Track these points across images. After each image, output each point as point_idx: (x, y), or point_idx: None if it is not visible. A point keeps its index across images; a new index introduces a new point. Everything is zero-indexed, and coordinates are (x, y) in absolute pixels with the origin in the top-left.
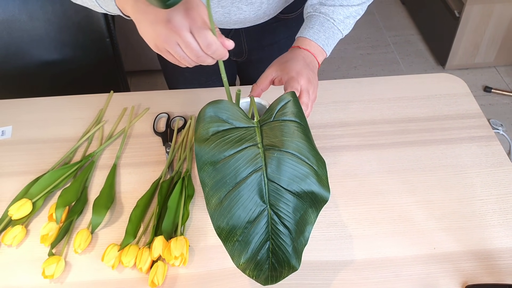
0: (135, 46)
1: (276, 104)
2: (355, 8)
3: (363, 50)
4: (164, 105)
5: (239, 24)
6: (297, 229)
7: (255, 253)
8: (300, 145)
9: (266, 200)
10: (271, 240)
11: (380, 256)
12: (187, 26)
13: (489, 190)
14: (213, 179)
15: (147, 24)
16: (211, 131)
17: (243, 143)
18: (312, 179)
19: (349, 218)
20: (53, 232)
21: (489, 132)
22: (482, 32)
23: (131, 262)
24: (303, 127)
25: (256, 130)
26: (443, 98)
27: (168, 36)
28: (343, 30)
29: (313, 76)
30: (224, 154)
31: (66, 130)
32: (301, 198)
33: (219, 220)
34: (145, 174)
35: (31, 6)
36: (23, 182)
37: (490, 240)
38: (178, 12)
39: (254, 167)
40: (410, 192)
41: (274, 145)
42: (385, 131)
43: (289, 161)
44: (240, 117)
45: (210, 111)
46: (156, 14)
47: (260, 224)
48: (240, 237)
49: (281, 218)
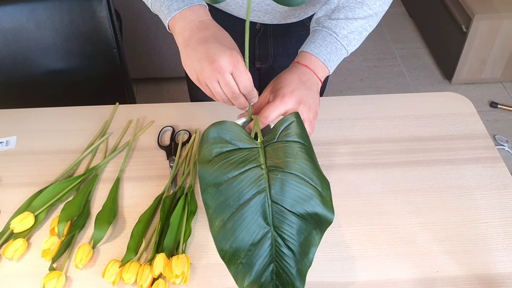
0: (142, 54)
1: (280, 125)
2: (360, 22)
3: (370, 62)
4: (169, 118)
5: (269, 14)
6: (301, 251)
7: (259, 276)
8: (304, 166)
9: (270, 222)
10: (275, 263)
11: (383, 278)
12: (230, 69)
13: (493, 213)
14: (216, 200)
15: (194, 60)
16: (215, 152)
17: (247, 164)
18: (316, 201)
19: (352, 239)
20: (54, 247)
21: (494, 153)
22: (489, 47)
23: (132, 279)
24: (306, 147)
25: (260, 151)
26: (449, 117)
27: (211, 74)
28: (347, 46)
29: (307, 95)
30: (227, 175)
31: (70, 142)
32: (305, 220)
33: (222, 242)
34: (148, 188)
35: (39, 15)
36: (26, 193)
37: (494, 265)
38: (224, 55)
39: (257, 189)
40: (414, 213)
41: (278, 166)
42: (390, 150)
43: (293, 183)
44: (244, 138)
45: (213, 132)
46: (206, 52)
47: (264, 247)
48: (244, 260)
49: (285, 240)
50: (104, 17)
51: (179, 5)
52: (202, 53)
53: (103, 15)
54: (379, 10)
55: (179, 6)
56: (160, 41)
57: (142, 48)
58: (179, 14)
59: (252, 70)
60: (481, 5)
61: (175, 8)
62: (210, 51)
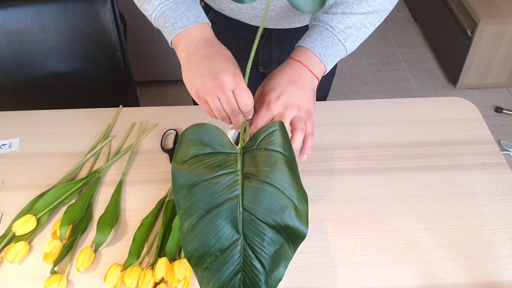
0: (146, 57)
1: (262, 132)
2: (358, 17)
3: (374, 66)
4: (173, 122)
5: (273, 19)
6: (271, 263)
7: (225, 283)
8: (281, 176)
9: (240, 230)
10: (243, 272)
11: (387, 285)
12: (232, 87)
13: (499, 219)
14: (187, 202)
15: (197, 75)
16: (191, 154)
17: (222, 169)
18: (289, 213)
19: (356, 245)
20: (56, 250)
21: (500, 159)
22: (495, 52)
23: (134, 283)
24: (287, 158)
25: (238, 157)
26: (454, 122)
27: (212, 90)
28: (344, 42)
29: (296, 95)
30: (201, 178)
31: (73, 144)
32: (276, 231)
33: (189, 245)
34: (151, 192)
35: (43, 17)
36: (28, 196)
37: (499, 272)
38: (227, 73)
39: (230, 195)
40: (419, 219)
41: (254, 174)
42: (395, 155)
43: (267, 193)
44: (223, 142)
45: (192, 133)
46: (209, 69)
47: (232, 254)
48: (210, 265)
49: (254, 251)
50: (108, 19)
51: (184, 23)
52: (205, 69)
53: (107, 17)
54: (379, 8)
55: (184, 25)
56: (164, 44)
57: (146, 51)
58: (184, 32)
59: (256, 75)
60: (486, 10)
61: (179, 26)
62: (214, 68)
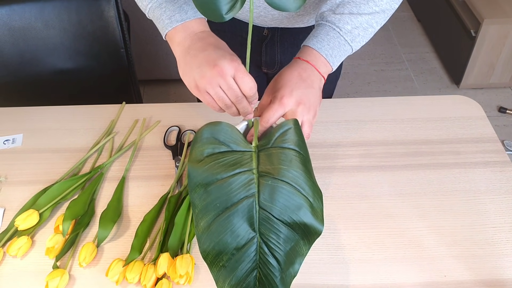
0: (149, 56)
1: (276, 131)
2: (365, 17)
3: (377, 66)
4: (176, 118)
5: (276, 19)
6: (287, 260)
7: (240, 281)
8: (297, 174)
9: (256, 228)
10: (259, 269)
11: (389, 281)
12: (232, 72)
13: (502, 217)
14: (203, 201)
15: (194, 66)
16: (206, 152)
17: (238, 167)
18: (305, 211)
19: (358, 242)
20: (58, 245)
21: (504, 157)
22: (498, 52)
23: (136, 279)
24: (302, 156)
25: (253, 155)
26: (458, 120)
27: (212, 78)
28: (351, 42)
29: (307, 93)
30: (217, 177)
31: (76, 140)
32: (292, 229)
33: (205, 243)
34: (153, 188)
35: (47, 14)
36: (31, 191)
37: (503, 270)
38: (225, 59)
39: (246, 193)
40: (421, 217)
41: (270, 173)
42: (398, 153)
43: (283, 191)
44: (238, 141)
45: (207, 132)
46: (206, 58)
47: (248, 252)
48: (227, 263)
49: (270, 248)
50: (112, 16)
51: (182, 17)
52: (202, 59)
53: (111, 14)
54: (386, 8)
55: (182, 18)
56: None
57: (149, 50)
58: (182, 25)
59: (260, 75)
60: (490, 10)
61: (177, 19)
62: (211, 56)
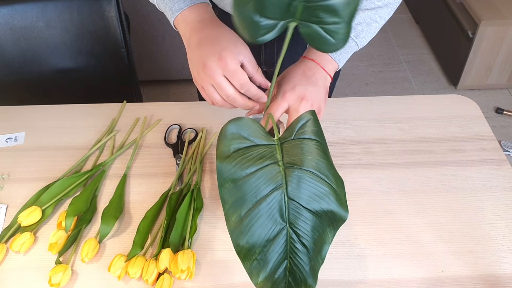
0: (149, 56)
1: (296, 123)
2: (368, 13)
3: (375, 67)
4: (176, 117)
5: None
6: (315, 248)
7: (273, 272)
8: (320, 163)
9: (285, 218)
10: (289, 259)
11: (388, 277)
12: (220, 71)
13: (499, 214)
14: (233, 196)
15: (191, 64)
16: (233, 148)
17: (264, 160)
18: (331, 198)
19: (357, 238)
20: (61, 241)
21: (500, 155)
22: (496, 54)
23: (137, 274)
24: (322, 145)
25: (277, 148)
26: (455, 119)
27: (203, 78)
28: (356, 38)
29: (311, 90)
30: (245, 171)
31: (78, 138)
32: (319, 217)
33: (238, 238)
34: (154, 185)
35: (49, 14)
36: (33, 188)
37: (499, 265)
38: (212, 57)
39: (274, 185)
40: (419, 213)
41: (295, 163)
42: (396, 151)
43: (309, 180)
44: (261, 135)
45: (232, 127)
46: (199, 56)
47: (279, 243)
48: (259, 256)
49: (299, 237)
50: (113, 16)
51: (180, 5)
52: (197, 57)
53: (112, 14)
54: (389, 2)
55: (180, 7)
56: (167, 43)
57: (149, 51)
58: (180, 15)
59: None
60: (487, 11)
61: (176, 9)
62: (202, 54)
